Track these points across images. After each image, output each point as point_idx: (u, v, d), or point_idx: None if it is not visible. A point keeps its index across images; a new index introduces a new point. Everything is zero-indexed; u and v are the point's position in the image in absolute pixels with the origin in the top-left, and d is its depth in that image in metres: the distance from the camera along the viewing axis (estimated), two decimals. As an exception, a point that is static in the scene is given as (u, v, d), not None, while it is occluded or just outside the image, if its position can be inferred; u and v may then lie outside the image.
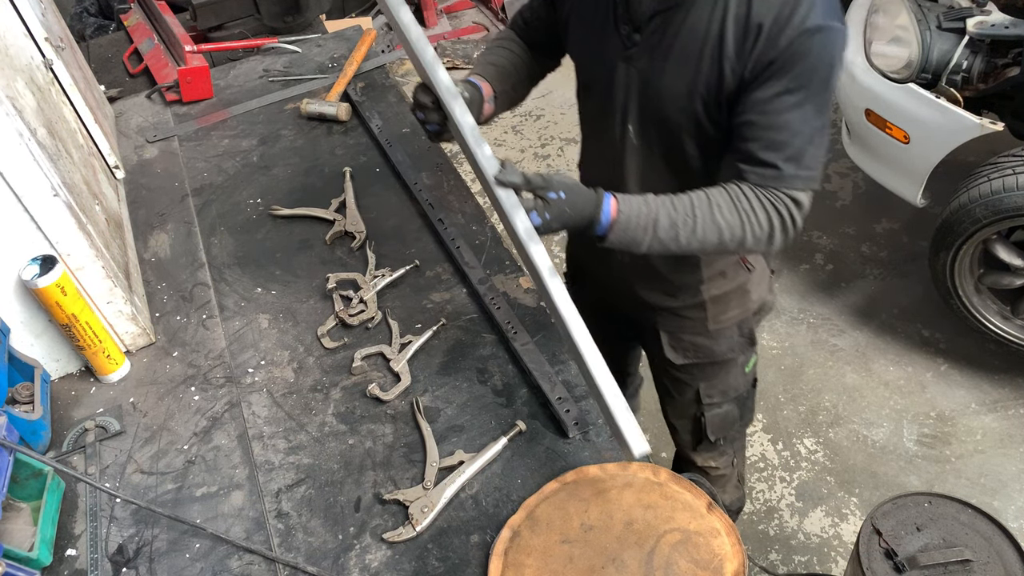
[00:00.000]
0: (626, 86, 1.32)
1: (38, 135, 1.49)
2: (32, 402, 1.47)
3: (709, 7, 1.20)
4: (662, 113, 1.30)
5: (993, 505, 2.26)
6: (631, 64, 1.30)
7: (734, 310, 1.55)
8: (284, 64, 2.56)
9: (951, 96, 2.30)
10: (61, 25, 2.30)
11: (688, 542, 1.18)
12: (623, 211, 1.21)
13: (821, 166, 1.23)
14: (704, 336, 1.58)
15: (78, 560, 1.32)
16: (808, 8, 1.14)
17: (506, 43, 1.56)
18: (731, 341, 1.59)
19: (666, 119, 1.30)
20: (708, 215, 1.21)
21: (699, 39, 1.21)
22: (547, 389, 1.43)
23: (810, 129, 1.19)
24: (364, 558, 1.26)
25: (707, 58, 1.21)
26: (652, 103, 1.30)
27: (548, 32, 1.50)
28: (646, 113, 1.33)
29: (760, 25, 1.16)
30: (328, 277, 1.71)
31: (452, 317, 1.63)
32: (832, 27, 1.15)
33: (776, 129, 1.19)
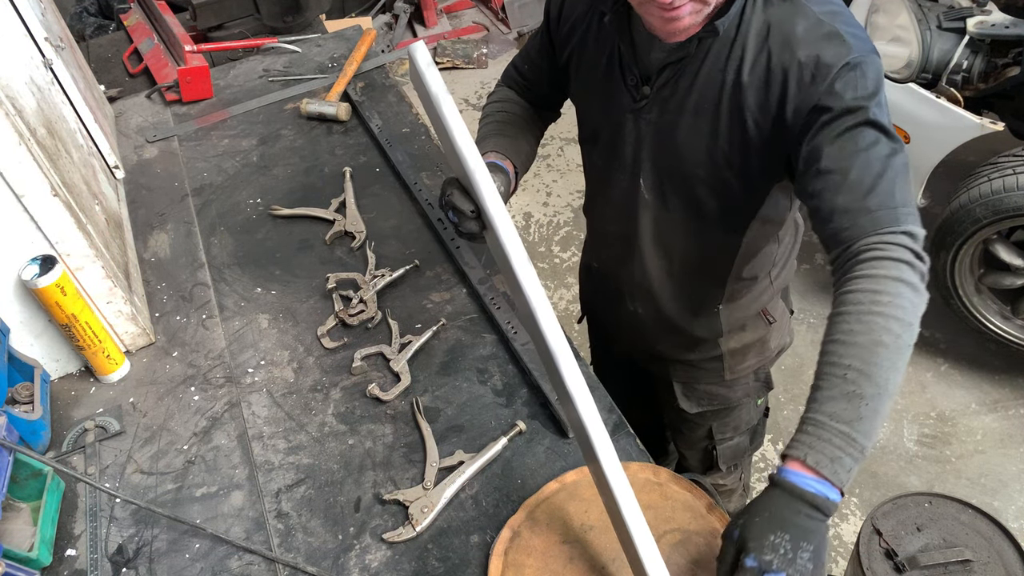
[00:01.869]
0: (636, 141, 1.26)
1: (38, 135, 1.48)
2: (32, 402, 1.47)
3: (724, 56, 1.12)
4: (678, 169, 1.23)
5: (993, 505, 2.26)
6: (640, 118, 1.23)
7: (752, 359, 1.51)
8: (284, 64, 2.56)
9: (951, 96, 2.30)
10: (61, 25, 2.29)
11: (688, 542, 1.18)
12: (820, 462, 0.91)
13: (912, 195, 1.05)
14: (719, 385, 1.54)
15: (78, 560, 1.32)
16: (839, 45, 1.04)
17: (509, 106, 1.46)
18: (747, 387, 1.56)
19: (683, 175, 1.23)
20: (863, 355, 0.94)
21: (715, 91, 1.14)
22: (547, 389, 1.43)
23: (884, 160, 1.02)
24: (364, 558, 1.26)
25: (725, 111, 1.14)
26: (667, 159, 1.24)
27: (551, 86, 1.44)
28: (660, 168, 1.26)
29: (786, 72, 1.07)
30: (328, 277, 1.71)
31: (452, 317, 1.63)
32: (870, 59, 1.06)
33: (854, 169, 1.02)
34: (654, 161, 1.26)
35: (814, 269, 3.03)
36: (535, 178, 3.60)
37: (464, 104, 4.25)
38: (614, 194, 1.36)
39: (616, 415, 1.41)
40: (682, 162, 1.22)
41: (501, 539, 1.21)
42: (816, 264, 3.05)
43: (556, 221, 3.41)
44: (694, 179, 1.23)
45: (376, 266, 1.74)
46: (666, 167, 1.25)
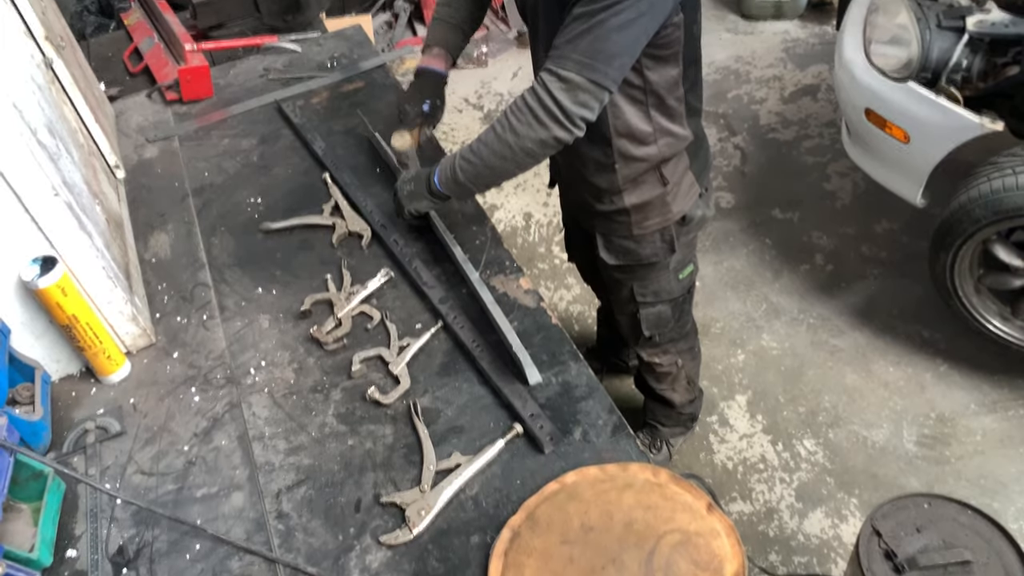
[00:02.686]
0: (532, 15, 1.56)
1: (38, 135, 1.48)
2: (32, 403, 1.47)
3: None
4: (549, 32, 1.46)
5: (993, 506, 2.26)
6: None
7: (655, 218, 1.71)
8: (284, 63, 2.55)
9: (951, 95, 2.30)
10: (61, 24, 2.29)
11: (688, 543, 1.18)
12: (440, 171, 1.58)
13: (607, 59, 1.32)
14: (630, 240, 1.76)
15: (78, 561, 1.32)
16: None
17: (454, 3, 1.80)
18: (654, 246, 1.76)
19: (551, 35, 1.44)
20: (491, 132, 1.45)
21: None
22: (519, 407, 1.42)
23: (599, 20, 1.29)
24: (364, 559, 1.26)
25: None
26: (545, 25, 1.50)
27: None
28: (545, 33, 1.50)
29: None
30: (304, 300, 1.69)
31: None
32: None
33: (572, 18, 1.32)
34: (543, 25, 1.52)
35: (814, 269, 3.03)
36: (535, 178, 3.60)
37: (464, 103, 4.24)
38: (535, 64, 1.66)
39: (616, 416, 1.41)
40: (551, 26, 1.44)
41: (501, 540, 1.21)
42: (816, 264, 3.05)
43: (556, 221, 3.41)
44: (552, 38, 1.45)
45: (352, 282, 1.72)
46: (546, 31, 1.49)
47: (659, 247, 1.77)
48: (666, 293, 1.88)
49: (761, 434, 2.54)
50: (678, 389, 2.19)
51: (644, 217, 1.71)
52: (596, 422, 1.40)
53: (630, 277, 1.85)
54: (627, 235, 1.75)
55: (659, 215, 1.71)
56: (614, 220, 1.74)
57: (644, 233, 1.74)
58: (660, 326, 1.94)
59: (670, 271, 1.83)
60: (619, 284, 1.89)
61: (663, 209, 1.71)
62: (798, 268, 3.05)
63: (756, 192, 3.40)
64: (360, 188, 1.95)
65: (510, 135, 1.43)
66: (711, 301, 2.96)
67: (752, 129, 3.76)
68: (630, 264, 1.81)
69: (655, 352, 2.05)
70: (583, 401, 1.44)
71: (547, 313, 1.60)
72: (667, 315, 1.92)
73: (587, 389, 1.46)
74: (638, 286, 1.86)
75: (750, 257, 3.13)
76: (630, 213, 1.70)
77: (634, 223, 1.72)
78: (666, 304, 1.90)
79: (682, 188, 1.71)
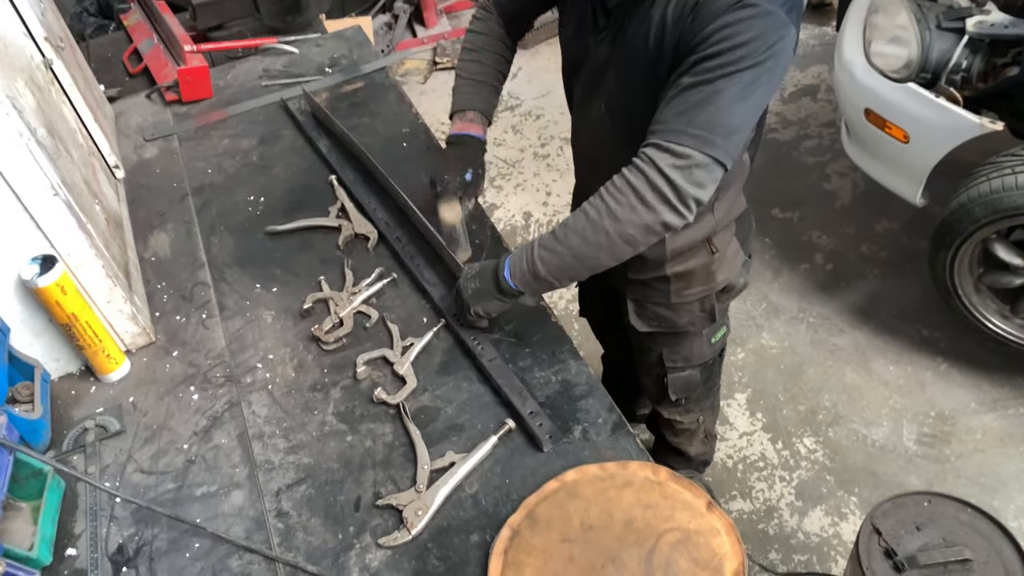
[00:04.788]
0: (595, 68, 1.42)
1: (38, 135, 1.48)
2: (32, 401, 1.47)
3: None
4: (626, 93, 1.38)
5: (993, 504, 2.26)
6: (600, 47, 1.39)
7: (696, 287, 1.61)
8: (284, 64, 2.56)
9: (951, 96, 2.30)
10: (61, 25, 2.29)
11: (688, 541, 1.18)
12: (511, 264, 1.37)
13: (726, 134, 1.18)
14: (666, 308, 1.65)
15: (78, 559, 1.32)
16: None
17: (486, 43, 1.67)
18: (692, 315, 1.66)
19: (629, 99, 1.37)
20: (578, 218, 1.28)
21: (647, 23, 1.26)
22: (518, 404, 1.41)
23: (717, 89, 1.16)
24: (364, 557, 1.26)
25: (652, 42, 1.26)
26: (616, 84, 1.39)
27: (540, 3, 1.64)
28: (613, 91, 1.41)
29: (696, 3, 1.18)
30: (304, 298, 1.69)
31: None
32: (767, 9, 1.14)
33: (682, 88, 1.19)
34: (606, 80, 1.41)
35: (814, 269, 3.03)
36: (535, 178, 3.60)
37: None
38: (583, 117, 1.55)
39: (616, 415, 1.41)
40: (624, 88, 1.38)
41: (501, 538, 1.21)
42: (816, 264, 3.05)
43: (556, 220, 3.41)
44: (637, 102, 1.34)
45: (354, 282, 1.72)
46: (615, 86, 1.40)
47: (697, 316, 1.66)
48: (697, 358, 1.75)
49: (761, 432, 2.54)
50: (695, 444, 2.08)
51: (686, 285, 1.60)
52: (596, 420, 1.40)
53: (660, 343, 1.73)
54: (663, 303, 1.63)
55: (702, 284, 1.61)
56: (651, 287, 1.62)
57: (683, 302, 1.62)
58: (688, 391, 1.82)
59: (702, 336, 1.72)
60: (647, 349, 1.77)
61: (707, 278, 1.60)
62: (798, 267, 3.05)
63: (756, 192, 3.36)
64: (365, 188, 1.95)
65: (608, 221, 1.24)
66: (711, 301, 2.96)
67: (752, 129, 3.75)
68: (663, 332, 1.70)
69: (677, 411, 1.92)
70: (583, 399, 1.44)
71: (547, 312, 1.60)
72: (696, 380, 1.80)
73: (587, 387, 1.46)
74: (668, 352, 1.74)
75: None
76: (670, 281, 1.59)
77: (673, 291, 1.61)
78: (696, 369, 1.78)
79: (727, 256, 1.60)
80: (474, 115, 1.64)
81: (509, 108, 4.12)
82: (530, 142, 3.87)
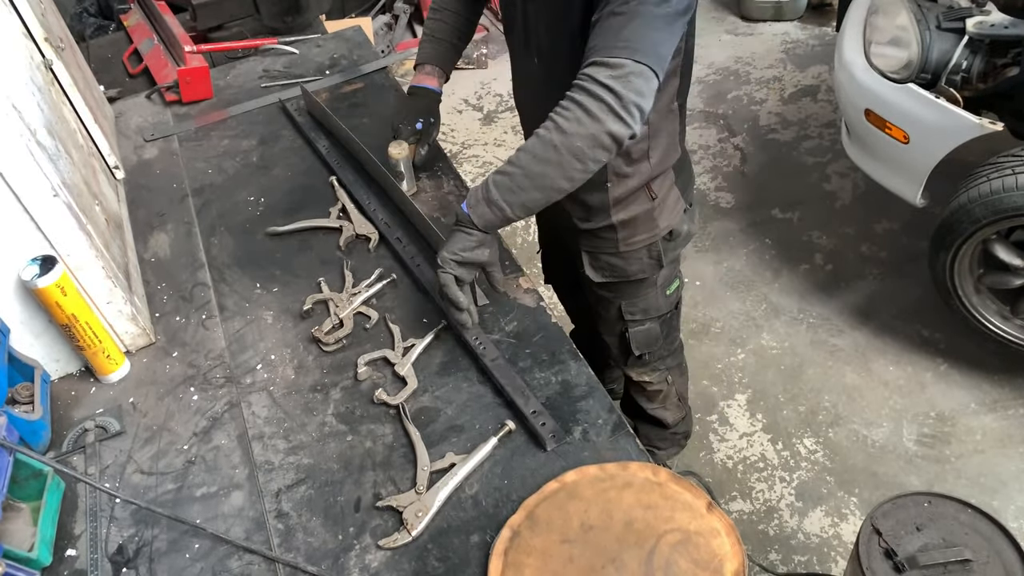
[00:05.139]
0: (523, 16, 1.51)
1: (38, 135, 1.49)
2: (32, 402, 1.47)
3: None
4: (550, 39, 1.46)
5: (993, 505, 2.26)
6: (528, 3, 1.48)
7: (642, 234, 1.69)
8: (284, 64, 2.56)
9: (951, 96, 2.30)
10: (61, 25, 2.30)
11: (688, 542, 1.18)
12: (469, 196, 1.40)
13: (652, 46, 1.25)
14: (616, 257, 1.74)
15: (78, 560, 1.32)
16: None
17: (448, 3, 1.78)
18: (641, 262, 1.75)
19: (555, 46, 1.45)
20: (531, 144, 1.32)
21: None
22: (521, 404, 1.41)
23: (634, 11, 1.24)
24: (364, 558, 1.26)
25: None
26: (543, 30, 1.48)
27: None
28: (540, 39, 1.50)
29: None
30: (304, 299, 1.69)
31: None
32: None
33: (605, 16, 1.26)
34: (537, 33, 1.49)
35: (814, 269, 3.03)
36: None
37: (464, 104, 4.25)
38: (520, 70, 1.65)
39: (616, 415, 1.41)
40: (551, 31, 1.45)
41: (501, 539, 1.21)
42: (816, 264, 3.05)
43: (556, 221, 3.41)
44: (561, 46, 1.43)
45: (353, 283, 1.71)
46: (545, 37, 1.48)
47: (646, 263, 1.75)
48: (654, 310, 1.85)
49: (761, 433, 2.55)
50: (669, 407, 2.16)
51: (631, 233, 1.69)
52: (596, 421, 1.40)
53: (617, 295, 1.82)
54: (614, 251, 1.73)
55: (646, 231, 1.69)
56: (600, 237, 1.71)
57: (631, 250, 1.72)
58: (650, 344, 1.91)
59: (657, 288, 1.82)
60: (606, 303, 1.86)
61: (650, 225, 1.68)
62: (798, 268, 3.05)
63: (756, 192, 3.40)
64: (365, 189, 1.95)
65: (557, 135, 1.27)
66: (711, 301, 2.97)
67: (752, 130, 3.76)
68: (616, 281, 1.79)
69: (644, 371, 2.02)
70: (583, 400, 1.44)
71: (547, 312, 1.60)
72: (656, 332, 1.90)
73: (587, 388, 1.46)
74: (626, 304, 1.83)
75: (750, 257, 3.13)
76: (617, 229, 1.68)
77: (621, 239, 1.70)
78: (655, 321, 1.88)
79: (668, 203, 1.69)
80: (431, 68, 1.80)
81: (509, 108, 4.13)
82: (530, 142, 3.86)
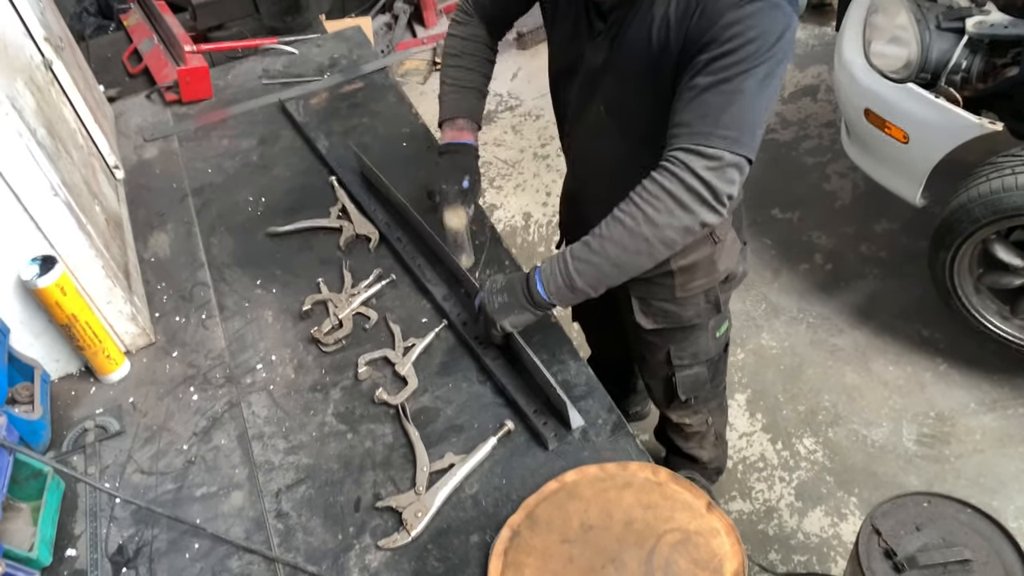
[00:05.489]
0: (591, 71, 1.42)
1: (38, 135, 1.49)
2: (32, 402, 1.47)
3: None
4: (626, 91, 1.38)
5: (992, 505, 2.26)
6: (597, 51, 1.39)
7: (700, 279, 1.61)
8: (284, 64, 2.56)
9: (950, 96, 2.30)
10: (61, 25, 2.30)
11: (688, 542, 1.18)
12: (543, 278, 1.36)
13: (751, 131, 1.20)
14: (672, 303, 1.65)
15: (78, 560, 1.32)
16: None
17: (468, 47, 1.65)
18: (697, 308, 1.66)
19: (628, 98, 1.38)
20: (612, 227, 1.28)
21: (648, 23, 1.27)
22: (522, 403, 1.42)
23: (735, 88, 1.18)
24: (364, 558, 1.26)
25: (656, 41, 1.27)
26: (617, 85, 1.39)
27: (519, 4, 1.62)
28: (611, 92, 1.41)
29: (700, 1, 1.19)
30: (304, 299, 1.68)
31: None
32: (774, 2, 1.16)
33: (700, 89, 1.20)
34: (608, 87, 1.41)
35: (813, 269, 3.03)
36: (535, 178, 3.60)
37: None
38: (579, 120, 1.54)
39: (616, 415, 1.41)
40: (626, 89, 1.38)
41: (501, 539, 1.21)
42: (815, 264, 3.05)
43: (556, 221, 3.41)
44: (640, 101, 1.36)
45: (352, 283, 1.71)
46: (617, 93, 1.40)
47: (702, 308, 1.66)
48: (703, 354, 1.76)
49: (761, 433, 2.54)
50: (706, 447, 2.07)
51: (689, 279, 1.60)
52: (596, 421, 1.40)
53: (667, 340, 1.73)
54: (668, 298, 1.63)
55: (705, 275, 1.61)
56: (655, 283, 1.61)
57: (688, 295, 1.63)
58: (696, 389, 1.82)
59: (708, 331, 1.72)
60: (653, 348, 1.77)
61: (710, 269, 1.60)
62: (798, 268, 3.05)
63: (756, 192, 3.39)
64: (365, 190, 1.94)
65: (647, 228, 1.24)
66: (711, 301, 2.96)
67: (751, 129, 3.75)
68: (669, 328, 1.69)
69: (686, 414, 1.92)
70: (583, 400, 1.44)
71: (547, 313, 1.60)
72: (704, 377, 1.81)
73: (586, 388, 1.46)
74: (675, 349, 1.74)
75: (750, 257, 3.13)
76: (675, 276, 1.59)
77: (678, 285, 1.60)
78: (703, 365, 1.78)
79: (727, 244, 1.60)
80: (464, 122, 1.63)
81: (509, 108, 4.12)
82: (530, 143, 3.87)
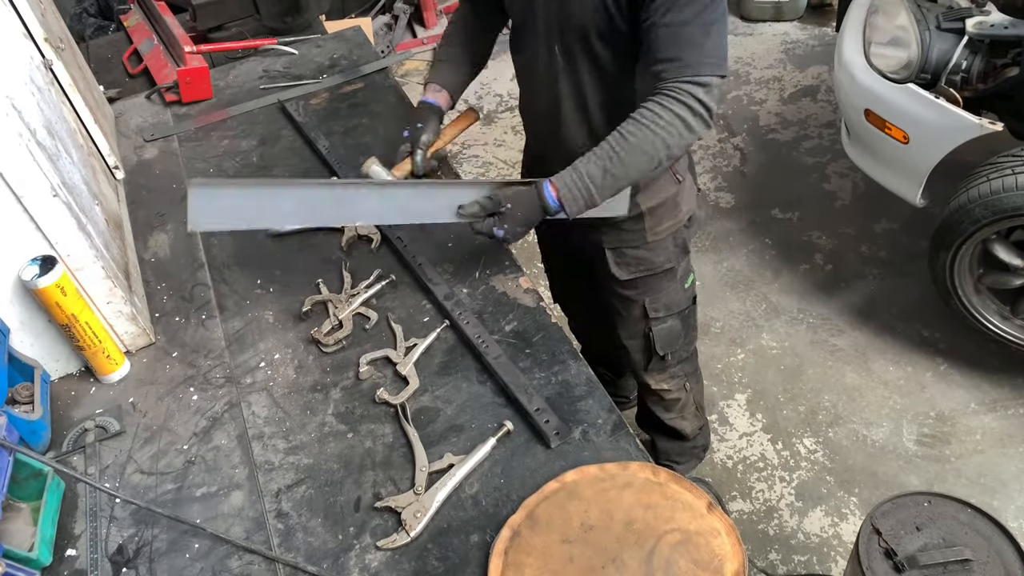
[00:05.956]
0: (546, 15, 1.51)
1: (38, 135, 1.49)
2: (32, 402, 1.47)
3: None
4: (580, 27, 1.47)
5: (993, 505, 2.26)
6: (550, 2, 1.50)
7: (668, 221, 1.72)
8: (284, 65, 2.56)
9: (950, 96, 2.30)
10: (61, 25, 2.30)
11: (688, 542, 1.18)
12: (561, 188, 1.45)
13: (724, 52, 1.41)
14: (644, 248, 1.75)
15: (78, 560, 1.32)
16: None
17: (456, 29, 1.80)
18: (667, 252, 1.76)
19: (583, 31, 1.48)
20: (626, 146, 1.42)
21: None
22: (524, 401, 1.42)
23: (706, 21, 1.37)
24: (364, 558, 1.26)
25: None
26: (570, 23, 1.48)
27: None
28: (566, 32, 1.50)
29: None
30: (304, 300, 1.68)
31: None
32: None
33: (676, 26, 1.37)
34: (561, 26, 1.50)
35: (813, 269, 3.03)
36: (535, 178, 3.60)
37: (463, 104, 4.24)
38: (539, 70, 1.61)
39: (616, 415, 1.41)
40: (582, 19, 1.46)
41: (501, 539, 1.21)
42: (815, 264, 3.05)
43: (556, 221, 3.42)
44: (591, 33, 1.47)
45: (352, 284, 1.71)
46: (570, 28, 1.49)
47: (672, 252, 1.76)
48: (676, 305, 1.86)
49: (761, 433, 2.54)
50: (687, 416, 2.15)
51: (658, 221, 1.71)
52: (596, 421, 1.40)
53: (642, 292, 1.82)
54: (641, 243, 1.74)
55: (671, 217, 1.72)
56: (627, 230, 1.72)
57: (658, 239, 1.73)
58: (672, 343, 1.91)
59: (678, 280, 1.83)
60: (629, 304, 1.85)
61: (675, 211, 1.71)
62: (798, 268, 3.05)
63: (756, 192, 3.40)
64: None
65: (663, 150, 1.42)
66: (711, 301, 2.96)
67: (752, 130, 3.76)
68: (643, 276, 1.79)
69: (663, 378, 2.00)
70: (583, 400, 1.44)
71: (547, 312, 1.60)
72: (678, 330, 1.90)
73: (586, 388, 1.46)
74: (650, 301, 1.83)
75: (750, 257, 3.13)
76: (645, 218, 1.69)
77: (648, 228, 1.71)
78: (676, 318, 1.88)
79: (687, 185, 1.72)
80: (433, 86, 1.79)
81: (509, 108, 4.12)
82: (530, 143, 3.87)
